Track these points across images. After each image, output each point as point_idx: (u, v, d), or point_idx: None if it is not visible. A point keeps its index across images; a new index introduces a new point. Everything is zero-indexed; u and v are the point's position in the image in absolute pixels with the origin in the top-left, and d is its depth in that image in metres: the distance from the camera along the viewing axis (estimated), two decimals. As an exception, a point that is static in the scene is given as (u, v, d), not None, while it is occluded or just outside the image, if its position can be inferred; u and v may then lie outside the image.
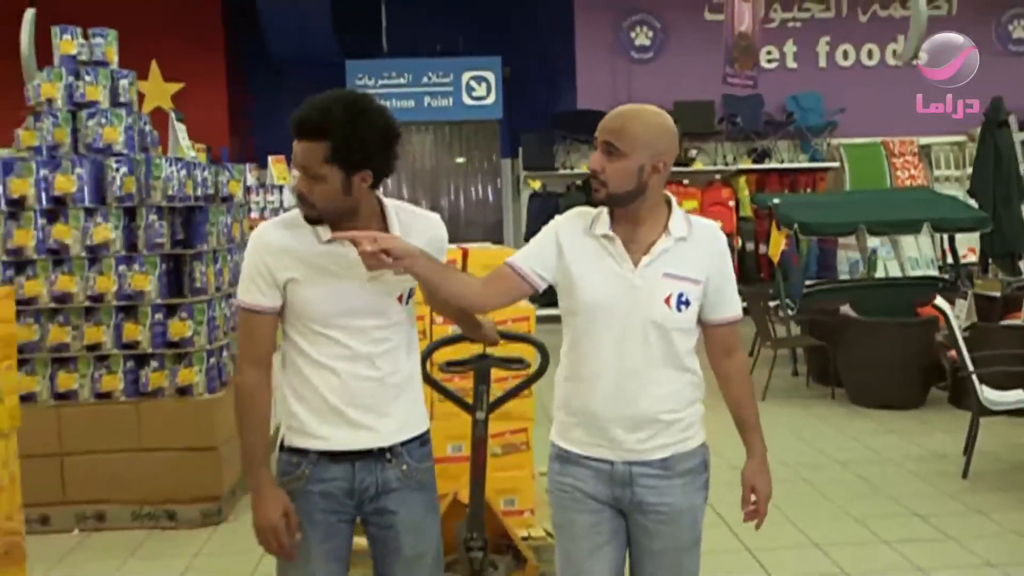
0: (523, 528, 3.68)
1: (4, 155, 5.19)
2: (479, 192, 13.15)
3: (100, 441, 4.58)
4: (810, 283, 8.75)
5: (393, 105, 11.60)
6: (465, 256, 3.72)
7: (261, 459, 2.16)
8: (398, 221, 2.17)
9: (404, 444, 2.21)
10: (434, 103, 11.87)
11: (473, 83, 11.83)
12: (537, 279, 2.18)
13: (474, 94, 11.85)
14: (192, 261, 4.79)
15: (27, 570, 2.71)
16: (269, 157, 10.90)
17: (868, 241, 9.28)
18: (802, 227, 7.59)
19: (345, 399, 2.13)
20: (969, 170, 10.29)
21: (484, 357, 2.98)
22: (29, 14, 6.57)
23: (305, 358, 2.15)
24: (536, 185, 12.14)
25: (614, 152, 2.08)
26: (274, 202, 10.63)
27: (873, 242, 9.81)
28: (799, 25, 12.54)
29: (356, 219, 2.11)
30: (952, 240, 8.29)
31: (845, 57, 12.58)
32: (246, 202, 6.82)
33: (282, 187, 10.62)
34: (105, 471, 4.57)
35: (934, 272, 9.99)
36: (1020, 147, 9.50)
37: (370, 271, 2.03)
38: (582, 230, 2.18)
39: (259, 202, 10.56)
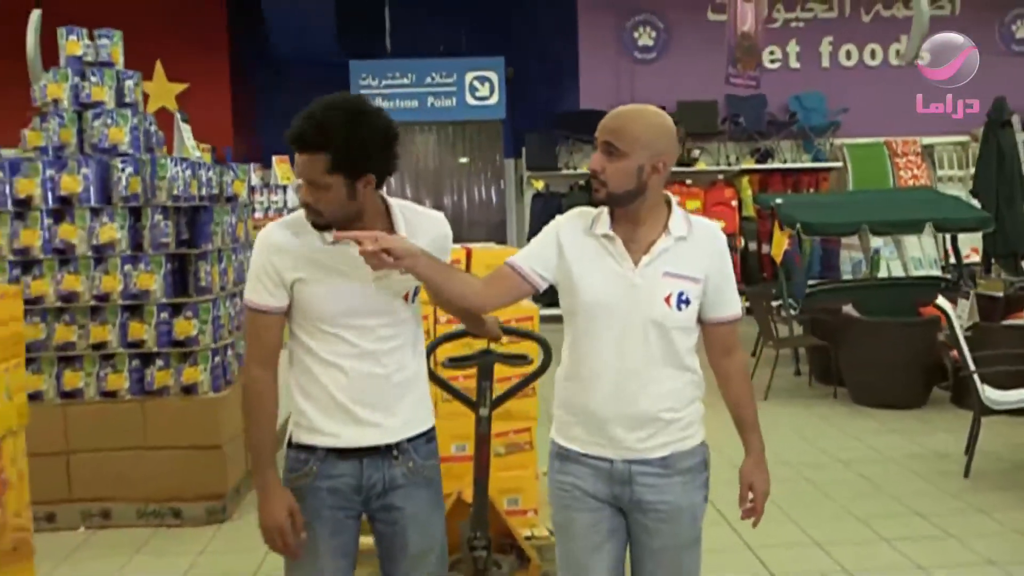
0: (527, 528, 3.69)
1: (10, 155, 5.21)
2: (482, 192, 13.15)
3: (106, 439, 4.61)
4: (813, 283, 8.77)
5: (396, 105, 11.63)
6: (469, 256, 3.73)
7: (268, 459, 2.18)
8: (403, 220, 2.19)
9: (410, 441, 2.23)
10: (437, 103, 11.88)
11: (476, 83, 11.84)
12: (537, 279, 2.19)
13: (477, 94, 11.86)
14: (197, 261, 4.82)
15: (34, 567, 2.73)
16: (273, 157, 10.89)
17: (871, 241, 9.28)
18: (804, 227, 7.60)
19: (352, 396, 2.15)
20: (972, 170, 10.28)
21: (487, 353, 2.98)
22: (35, 15, 6.59)
23: (312, 356, 2.17)
24: (539, 185, 12.14)
25: (614, 152, 2.09)
26: (278, 202, 10.63)
27: (876, 242, 9.80)
28: (802, 25, 12.53)
29: (362, 220, 2.12)
30: (955, 240, 8.29)
31: (848, 57, 12.57)
32: (250, 202, 6.83)
33: (286, 187, 10.62)
34: (111, 469, 4.60)
35: (937, 272, 9.99)
36: (1023, 147, 9.49)
37: (373, 270, 2.05)
38: (582, 230, 2.19)
39: (263, 202, 10.56)
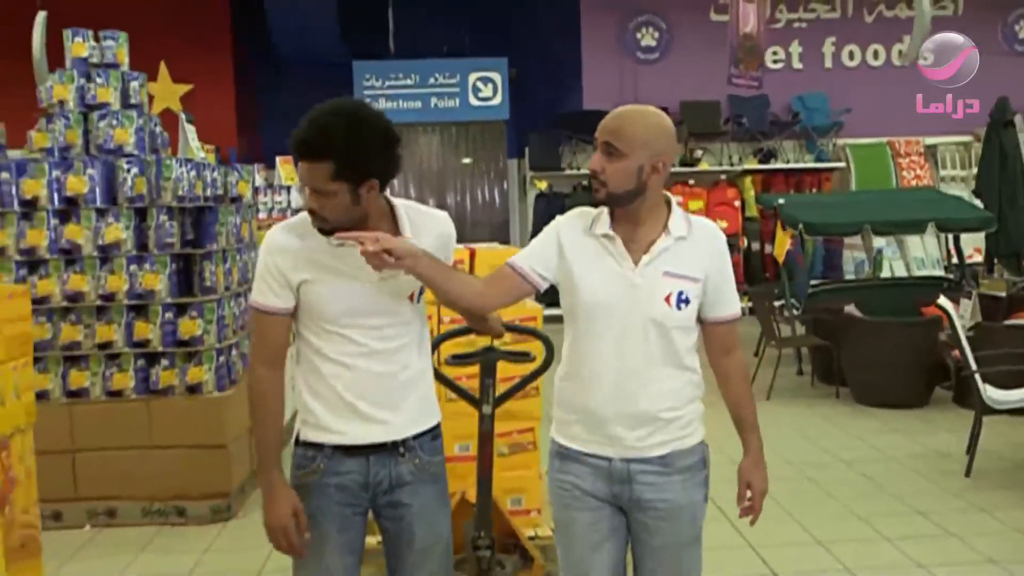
0: (530, 528, 3.70)
1: (17, 156, 5.26)
2: (485, 192, 13.17)
3: (111, 438, 4.64)
4: (815, 283, 8.78)
5: (400, 106, 11.66)
6: (473, 256, 3.74)
7: (273, 459, 2.21)
8: (407, 220, 2.21)
9: (416, 438, 2.25)
10: (441, 104, 11.91)
11: (479, 84, 11.86)
12: (538, 279, 2.21)
13: (480, 95, 11.88)
14: (202, 261, 4.85)
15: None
16: (277, 158, 10.93)
17: (874, 241, 9.28)
18: (807, 227, 7.61)
19: (359, 395, 2.18)
20: (975, 170, 10.29)
21: (490, 350, 2.98)
22: (40, 17, 6.61)
23: (319, 355, 2.19)
24: (542, 185, 12.17)
25: (614, 153, 2.10)
26: (282, 202, 10.67)
27: (879, 242, 9.81)
28: (805, 26, 12.55)
29: (367, 224, 2.14)
30: (957, 240, 8.29)
31: (851, 57, 12.59)
32: (254, 202, 6.87)
33: (290, 187, 10.65)
34: (116, 468, 4.63)
35: (940, 272, 10.00)
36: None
37: (375, 270, 2.07)
38: (583, 230, 2.20)
39: (267, 203, 10.59)
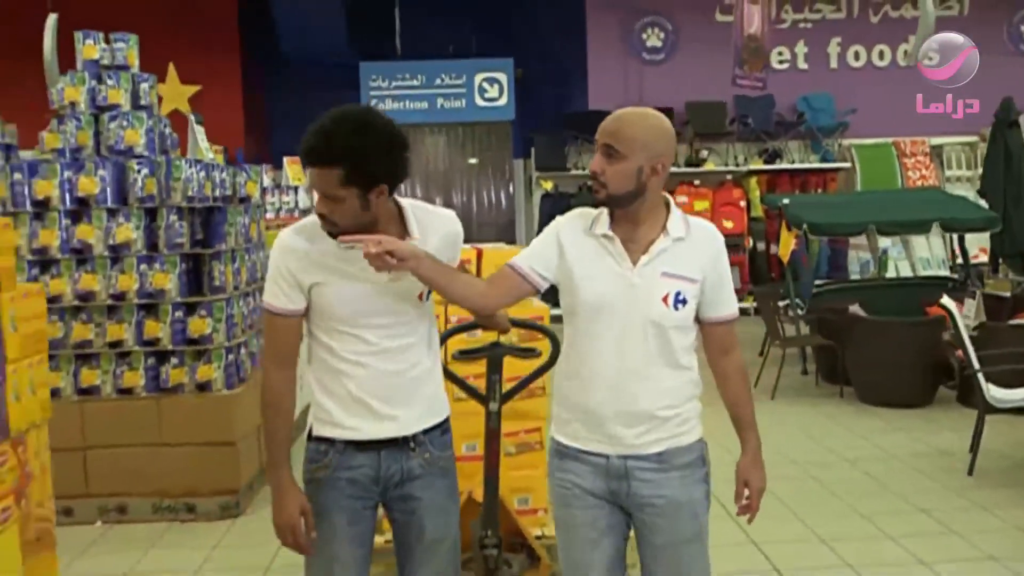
0: (537, 527, 3.70)
1: (29, 157, 5.31)
2: (491, 192, 13.21)
3: (122, 435, 4.69)
4: (820, 283, 8.80)
5: (406, 107, 11.71)
6: (480, 256, 3.75)
7: (282, 458, 2.26)
8: (415, 221, 2.25)
9: (426, 432, 2.30)
10: (447, 104, 11.95)
11: (485, 85, 11.90)
12: (538, 278, 2.24)
13: (486, 95, 11.92)
14: (211, 260, 4.90)
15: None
16: (284, 158, 10.98)
17: (879, 241, 9.30)
18: (811, 227, 7.63)
19: (371, 392, 2.22)
20: (980, 170, 10.28)
21: (497, 345, 3.00)
22: (51, 19, 6.65)
23: (331, 354, 2.24)
24: (548, 185, 12.20)
25: (613, 154, 2.13)
26: (289, 203, 10.72)
27: (884, 242, 9.82)
28: (810, 26, 12.55)
29: (376, 227, 2.17)
30: (962, 240, 8.31)
31: (856, 58, 12.59)
32: (262, 203, 6.93)
33: (297, 188, 10.71)
34: (127, 465, 4.68)
35: (945, 272, 10.00)
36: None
37: (377, 272, 2.10)
38: (582, 230, 2.23)
39: (275, 203, 10.65)
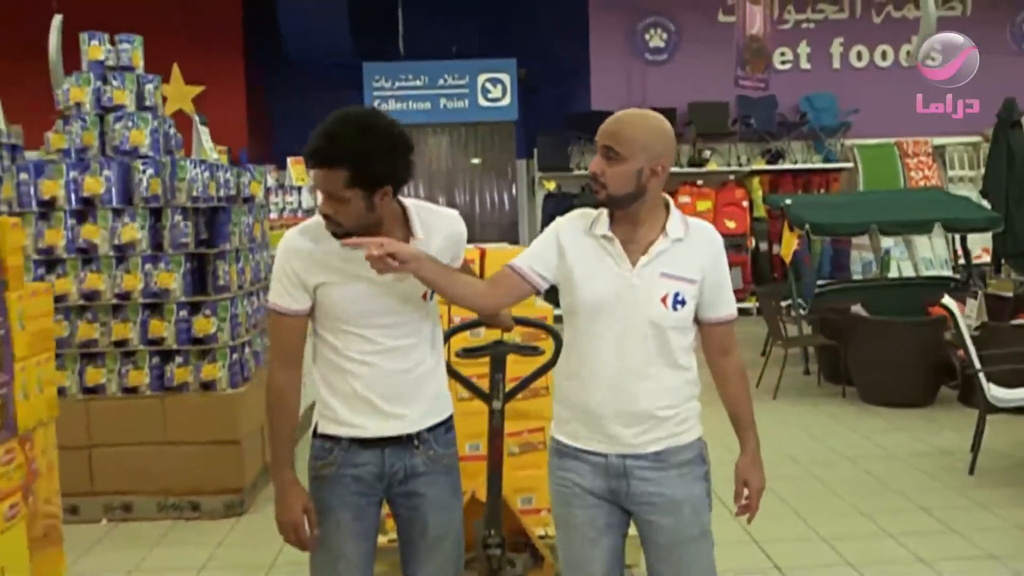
0: (540, 527, 3.69)
1: (35, 158, 5.35)
2: (494, 193, 13.22)
3: (127, 434, 4.73)
4: (822, 283, 8.81)
5: (409, 107, 11.74)
6: (483, 256, 3.74)
7: (286, 457, 2.29)
8: (419, 220, 2.27)
9: (430, 430, 2.32)
10: (450, 105, 11.97)
11: (488, 85, 11.92)
12: (537, 279, 2.25)
13: (489, 96, 11.95)
14: (215, 260, 4.93)
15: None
16: (288, 159, 10.99)
17: (882, 242, 9.30)
18: (813, 227, 7.64)
19: (375, 391, 2.25)
20: (983, 171, 10.29)
21: (500, 343, 3.01)
22: (56, 20, 6.68)
23: (337, 354, 2.26)
24: (551, 186, 12.23)
25: (613, 156, 2.14)
26: (293, 203, 10.73)
27: (887, 242, 9.82)
28: (812, 26, 12.55)
29: (381, 228, 2.20)
30: (964, 240, 8.32)
31: (859, 58, 12.59)
32: (266, 203, 6.96)
33: (300, 188, 10.72)
34: (132, 463, 4.71)
35: (948, 272, 10.01)
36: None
37: (379, 274, 2.12)
38: (582, 231, 2.24)
39: (278, 203, 10.66)
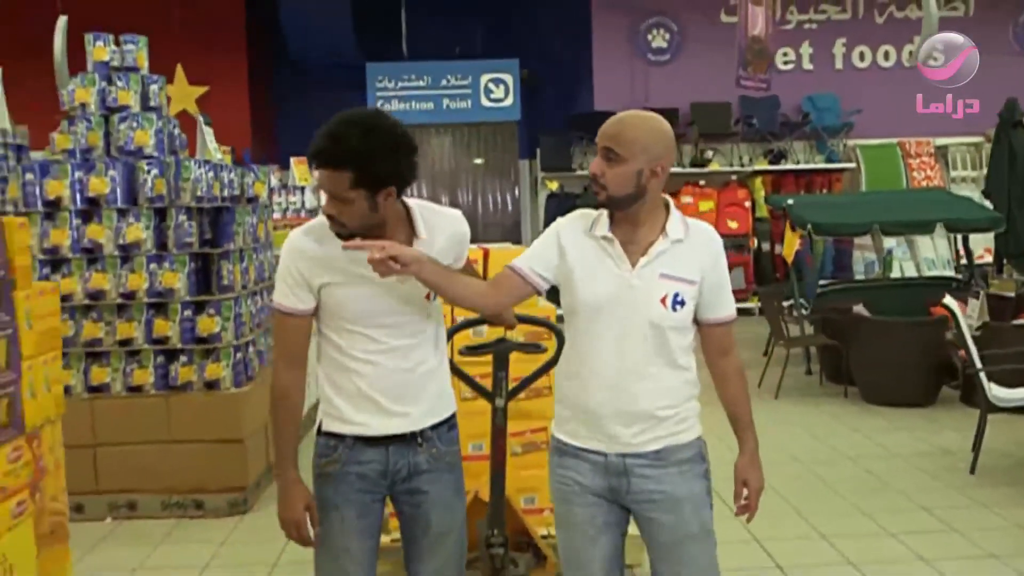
0: (543, 526, 3.69)
1: (40, 158, 5.38)
2: (497, 193, 13.24)
3: (131, 433, 4.76)
4: (824, 283, 8.82)
5: (412, 107, 11.77)
6: (487, 256, 3.75)
7: (290, 455, 2.31)
8: (423, 221, 2.29)
9: (433, 428, 2.34)
10: (453, 105, 12.00)
11: (491, 85, 11.94)
12: (538, 279, 2.27)
13: (492, 96, 11.97)
14: (220, 260, 4.96)
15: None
16: (291, 159, 11.02)
17: (884, 242, 9.31)
18: (815, 227, 7.66)
19: (379, 389, 2.27)
20: (985, 171, 10.29)
21: (503, 341, 3.03)
22: (62, 21, 6.72)
23: (340, 352, 2.28)
24: (553, 186, 12.25)
25: (613, 157, 2.15)
26: (296, 203, 10.76)
27: (889, 243, 9.82)
28: (815, 27, 12.56)
29: (384, 228, 2.22)
30: (966, 240, 8.33)
31: (861, 58, 12.59)
32: (269, 203, 7.00)
33: (304, 188, 10.75)
34: (136, 462, 4.74)
35: (950, 273, 10.01)
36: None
37: (381, 277, 2.14)
38: (583, 231, 2.26)
39: (281, 203, 10.69)
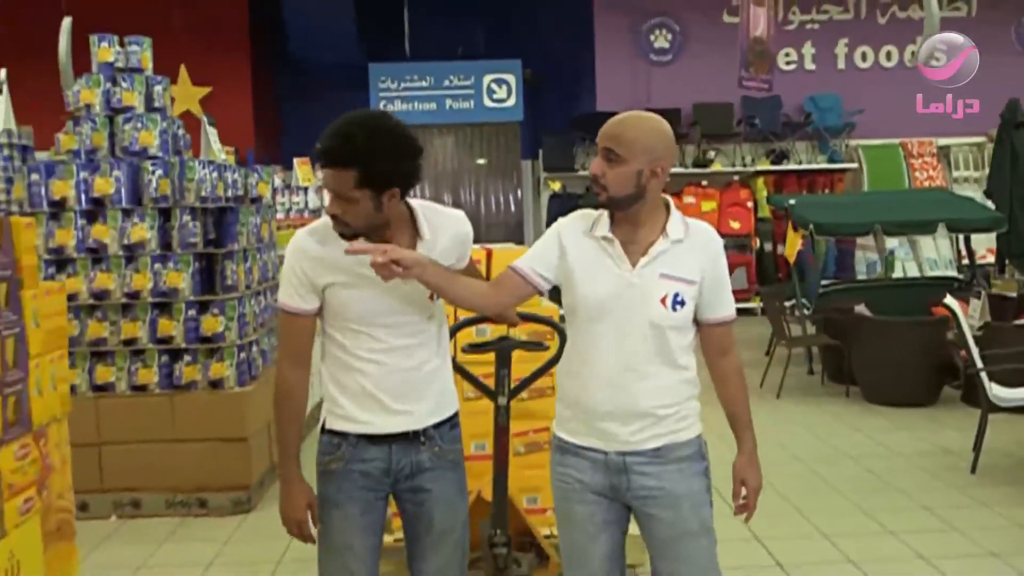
0: (546, 526, 3.68)
1: (45, 159, 5.40)
2: (500, 193, 13.25)
3: (136, 432, 4.78)
4: (826, 283, 8.84)
5: (415, 108, 11.79)
6: (489, 257, 3.76)
7: (292, 454, 2.34)
8: (426, 221, 2.31)
9: (436, 427, 2.36)
10: (455, 105, 12.02)
11: (494, 86, 11.96)
12: (539, 279, 2.29)
13: (495, 96, 11.99)
14: (224, 260, 4.98)
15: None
16: (294, 159, 11.04)
17: (887, 242, 9.32)
18: (817, 227, 7.67)
19: (383, 388, 2.29)
20: (987, 171, 10.29)
21: (505, 339, 3.04)
22: (66, 23, 6.75)
23: (344, 352, 2.30)
24: (556, 186, 12.27)
25: (614, 158, 2.17)
26: (299, 203, 10.77)
27: (891, 243, 9.83)
28: (817, 27, 12.57)
29: (388, 229, 2.24)
30: (968, 240, 8.33)
31: (864, 59, 12.60)
32: (273, 203, 7.02)
33: (307, 188, 10.76)
34: (140, 460, 4.76)
35: (952, 273, 10.02)
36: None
37: (384, 280, 2.16)
38: (583, 231, 2.28)
39: (284, 203, 10.70)
